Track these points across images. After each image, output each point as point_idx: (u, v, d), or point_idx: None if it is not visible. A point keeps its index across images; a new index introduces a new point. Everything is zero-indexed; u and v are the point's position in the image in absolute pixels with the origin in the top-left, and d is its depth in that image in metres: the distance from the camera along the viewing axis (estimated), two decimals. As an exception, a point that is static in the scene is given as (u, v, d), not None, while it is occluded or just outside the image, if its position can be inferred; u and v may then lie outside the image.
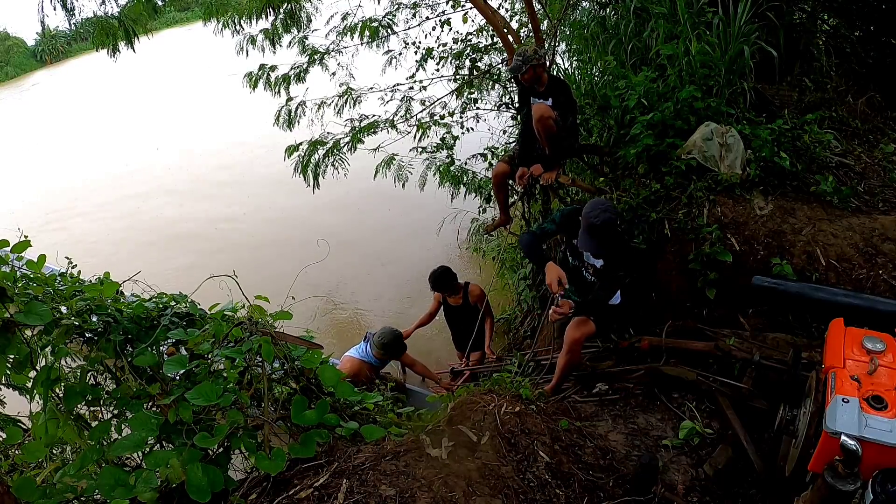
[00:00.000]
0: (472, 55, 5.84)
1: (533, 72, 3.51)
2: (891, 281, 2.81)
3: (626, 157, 3.59)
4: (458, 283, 4.46)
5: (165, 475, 1.69)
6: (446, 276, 4.38)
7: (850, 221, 3.11)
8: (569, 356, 2.96)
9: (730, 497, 2.32)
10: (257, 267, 7.07)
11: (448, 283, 4.39)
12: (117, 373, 2.11)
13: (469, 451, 2.08)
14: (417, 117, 6.02)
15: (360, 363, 4.05)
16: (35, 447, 1.92)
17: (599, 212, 2.67)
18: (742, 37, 3.65)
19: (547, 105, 3.51)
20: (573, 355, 2.97)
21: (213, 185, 10.32)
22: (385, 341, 4.03)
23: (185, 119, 13.96)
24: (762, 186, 3.35)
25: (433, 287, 4.43)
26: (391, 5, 6.14)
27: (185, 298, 2.36)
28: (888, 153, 3.80)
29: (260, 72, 6.19)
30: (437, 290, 4.46)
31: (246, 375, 1.97)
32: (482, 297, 4.49)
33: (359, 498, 1.75)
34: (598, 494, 2.21)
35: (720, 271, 3.17)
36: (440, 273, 4.38)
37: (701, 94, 3.55)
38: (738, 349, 2.84)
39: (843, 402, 1.77)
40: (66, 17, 4.71)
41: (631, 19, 4.25)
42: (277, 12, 6.05)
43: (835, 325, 2.17)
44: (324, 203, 7.80)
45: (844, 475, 1.52)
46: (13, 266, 1.88)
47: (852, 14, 4.71)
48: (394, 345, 4.06)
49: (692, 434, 2.57)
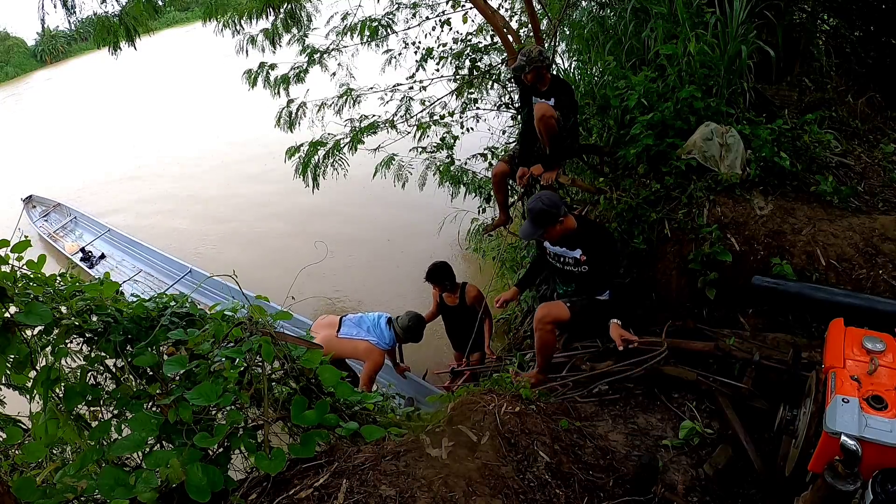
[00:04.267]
0: (472, 55, 5.84)
1: (536, 72, 3.53)
2: (891, 281, 2.81)
3: (626, 157, 3.59)
4: (455, 281, 4.45)
5: (165, 475, 1.69)
6: (441, 271, 4.37)
7: (850, 221, 3.10)
8: (536, 335, 3.04)
9: (730, 497, 2.32)
10: (255, 267, 7.09)
11: (441, 278, 4.38)
12: (117, 373, 2.11)
13: (469, 451, 2.08)
14: (417, 117, 6.01)
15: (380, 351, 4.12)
16: (35, 447, 1.92)
17: (534, 200, 2.96)
18: (740, 37, 3.65)
19: (549, 104, 3.52)
20: (540, 334, 3.02)
21: (213, 184, 10.32)
22: (412, 324, 4.18)
23: (182, 120, 13.95)
24: (762, 186, 3.35)
25: (427, 278, 4.43)
26: (391, 5, 6.14)
27: (185, 298, 2.36)
28: (888, 153, 3.80)
29: (259, 69, 6.19)
30: (430, 281, 4.45)
31: (246, 375, 1.97)
32: (479, 297, 4.48)
33: (359, 498, 1.75)
34: (598, 494, 2.21)
35: (720, 271, 3.17)
36: (436, 267, 4.38)
37: (701, 93, 3.55)
38: (738, 349, 2.84)
39: (843, 402, 1.77)
40: (66, 15, 4.71)
41: (630, 19, 4.24)
42: (277, 12, 6.05)
43: (835, 325, 2.17)
44: (323, 203, 7.80)
45: (844, 475, 1.51)
46: (13, 266, 1.88)
47: (852, 14, 4.71)
48: (418, 328, 4.23)
49: (692, 434, 2.57)
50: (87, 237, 8.47)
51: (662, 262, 3.45)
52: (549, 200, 2.91)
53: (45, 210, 9.30)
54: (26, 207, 9.30)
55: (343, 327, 4.15)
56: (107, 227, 8.51)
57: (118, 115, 15.30)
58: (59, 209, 9.27)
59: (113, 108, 16.01)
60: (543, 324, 3.02)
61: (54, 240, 8.47)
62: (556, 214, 2.89)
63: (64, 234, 8.67)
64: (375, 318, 4.20)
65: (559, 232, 2.98)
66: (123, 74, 16.73)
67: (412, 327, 4.17)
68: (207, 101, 14.46)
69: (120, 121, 14.82)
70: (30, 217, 9.13)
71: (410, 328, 4.17)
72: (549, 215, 2.89)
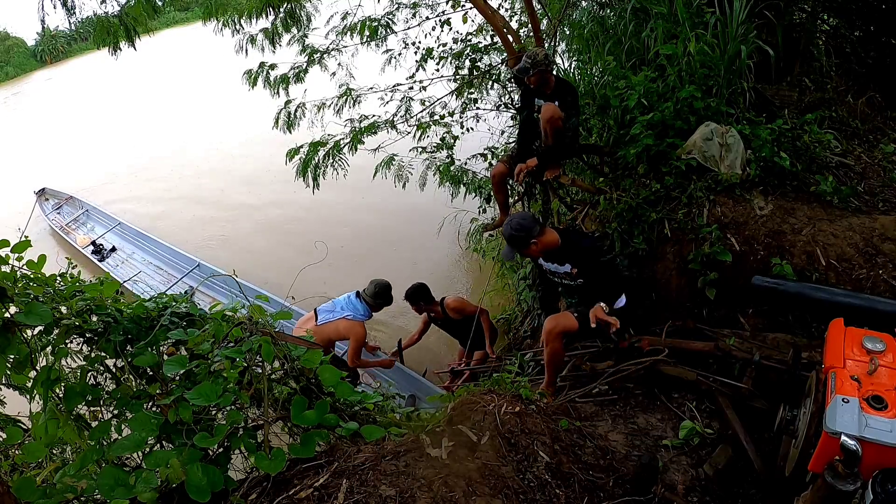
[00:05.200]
0: (472, 55, 5.83)
1: (540, 76, 3.55)
2: (891, 281, 2.81)
3: (626, 157, 3.59)
4: (429, 299, 4.58)
5: (165, 475, 1.69)
6: (418, 293, 4.54)
7: (850, 221, 3.10)
8: (546, 348, 3.01)
9: (730, 497, 2.32)
10: (258, 266, 7.09)
11: (416, 298, 4.55)
12: (117, 373, 2.11)
13: (469, 451, 2.08)
14: (417, 117, 6.01)
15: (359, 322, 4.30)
16: (35, 447, 1.92)
17: (506, 225, 2.99)
18: (740, 37, 3.65)
19: (556, 106, 3.54)
20: (550, 347, 2.99)
21: (213, 184, 10.31)
22: (379, 290, 4.33)
23: (183, 119, 13.95)
24: (762, 186, 3.35)
25: (406, 298, 4.57)
26: (391, 5, 6.13)
27: (185, 298, 2.36)
28: (888, 153, 3.80)
29: (259, 69, 6.18)
30: (409, 302, 4.60)
31: (246, 375, 1.97)
32: (460, 307, 4.58)
33: (359, 498, 1.75)
34: (598, 494, 2.21)
35: (720, 271, 3.17)
36: (411, 290, 4.56)
37: (701, 93, 3.55)
38: (738, 349, 2.84)
39: (843, 402, 1.77)
40: (66, 15, 4.71)
41: (630, 19, 4.25)
42: (277, 12, 6.05)
43: (835, 325, 2.17)
44: (323, 204, 7.80)
45: (844, 475, 1.51)
46: (13, 266, 1.88)
47: (852, 14, 4.70)
48: (386, 293, 4.37)
49: (692, 434, 2.57)
50: (98, 230, 8.52)
51: (662, 262, 3.45)
52: (518, 224, 2.91)
53: (57, 203, 9.35)
54: (39, 200, 9.35)
55: (319, 315, 4.33)
56: (118, 220, 8.54)
57: (121, 113, 15.28)
58: (71, 202, 9.33)
59: (114, 107, 15.98)
60: (553, 336, 2.96)
61: (66, 232, 8.52)
62: (527, 237, 2.89)
63: (76, 227, 8.72)
64: (345, 297, 4.40)
65: (538, 251, 2.97)
66: (124, 74, 16.71)
67: (379, 292, 4.33)
68: (207, 102, 14.45)
69: (123, 119, 14.79)
70: (42, 209, 9.18)
71: (378, 293, 4.32)
72: (519, 239, 2.91)
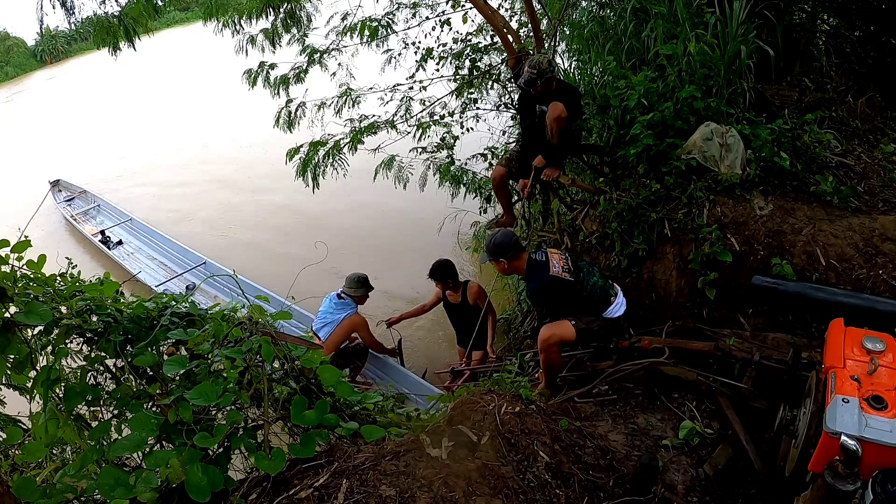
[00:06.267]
0: (472, 55, 5.83)
1: (547, 84, 3.55)
2: (891, 281, 2.81)
3: (626, 157, 3.59)
4: (457, 279, 4.48)
5: (165, 475, 1.69)
6: (444, 269, 4.43)
7: (850, 221, 3.10)
8: (541, 356, 3.04)
9: (730, 497, 2.32)
10: (259, 264, 7.09)
11: (444, 275, 4.43)
12: (117, 373, 2.11)
13: (469, 451, 2.08)
14: (417, 117, 6.01)
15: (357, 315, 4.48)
16: (35, 447, 1.92)
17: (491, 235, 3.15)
18: (740, 37, 3.65)
19: (563, 105, 3.54)
20: (545, 356, 3.01)
21: (212, 184, 10.31)
22: (359, 281, 4.52)
23: (183, 119, 13.95)
24: (762, 186, 3.35)
25: (430, 275, 4.48)
26: (391, 5, 6.13)
27: (185, 298, 2.36)
28: (888, 153, 3.79)
29: (259, 69, 6.18)
30: (434, 278, 4.50)
31: (246, 375, 1.97)
32: (482, 295, 4.49)
33: (359, 498, 1.75)
34: (598, 494, 2.21)
35: (720, 271, 3.17)
36: (439, 265, 4.44)
37: (701, 93, 3.55)
38: (738, 349, 2.84)
39: (843, 402, 1.77)
40: (65, 16, 4.72)
41: (630, 19, 4.24)
42: (277, 12, 6.05)
43: (835, 325, 2.17)
44: (322, 204, 7.80)
45: (844, 475, 1.52)
46: (13, 266, 1.88)
47: (852, 14, 4.70)
48: (366, 280, 4.58)
49: (692, 434, 2.57)
50: (108, 224, 8.57)
51: (662, 262, 3.45)
52: (498, 240, 3.05)
53: (69, 195, 9.43)
54: (52, 190, 9.41)
55: (319, 333, 4.40)
56: (128, 216, 8.58)
57: (123, 112, 15.29)
58: (83, 196, 9.39)
59: (117, 106, 16.00)
60: (549, 345, 2.95)
61: (76, 221, 8.61)
62: (498, 254, 3.03)
63: (85, 220, 8.78)
64: (329, 302, 4.51)
65: (505, 270, 3.12)
66: (125, 74, 16.72)
67: (360, 282, 4.52)
68: (207, 101, 14.45)
69: (125, 118, 14.80)
70: (54, 199, 9.26)
71: (360, 284, 4.52)
72: (492, 252, 3.06)
